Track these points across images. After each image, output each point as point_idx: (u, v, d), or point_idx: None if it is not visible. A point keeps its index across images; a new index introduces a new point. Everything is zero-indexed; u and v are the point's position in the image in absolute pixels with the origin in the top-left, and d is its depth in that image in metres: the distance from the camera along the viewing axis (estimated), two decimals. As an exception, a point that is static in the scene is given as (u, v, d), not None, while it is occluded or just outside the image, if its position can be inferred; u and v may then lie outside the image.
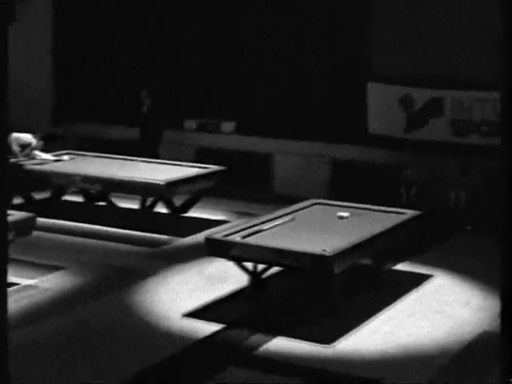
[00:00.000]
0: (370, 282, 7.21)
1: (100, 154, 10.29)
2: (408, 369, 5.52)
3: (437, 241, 8.73)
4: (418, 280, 7.36)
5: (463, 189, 9.56)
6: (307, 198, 8.17)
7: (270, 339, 5.92)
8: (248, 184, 10.57)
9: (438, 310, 6.62)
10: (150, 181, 8.77)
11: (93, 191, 9.76)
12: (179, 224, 9.23)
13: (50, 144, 10.00)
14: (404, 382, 5.27)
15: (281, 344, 5.85)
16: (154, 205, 9.43)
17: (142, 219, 9.26)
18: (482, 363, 5.58)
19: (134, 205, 9.61)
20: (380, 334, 6.08)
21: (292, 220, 7.23)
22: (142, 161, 9.94)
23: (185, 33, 11.73)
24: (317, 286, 6.57)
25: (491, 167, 9.57)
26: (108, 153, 10.32)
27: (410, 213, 7.52)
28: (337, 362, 5.60)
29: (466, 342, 5.94)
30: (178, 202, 9.35)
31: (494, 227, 9.47)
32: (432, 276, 7.48)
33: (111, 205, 9.77)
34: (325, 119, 10.73)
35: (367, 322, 6.30)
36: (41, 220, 7.76)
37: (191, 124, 11.65)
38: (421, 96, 10.00)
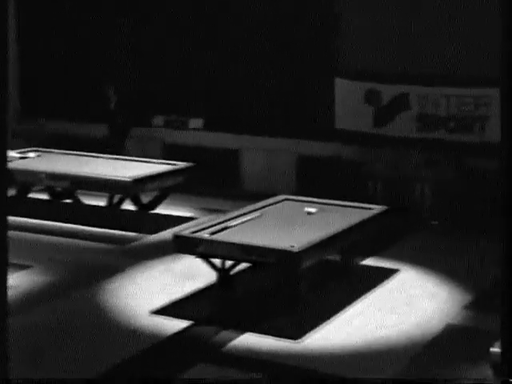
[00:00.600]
0: (338, 277, 7.25)
1: (66, 151, 10.20)
2: (377, 363, 5.56)
3: (403, 235, 8.81)
4: (385, 274, 7.42)
5: (429, 184, 9.64)
6: (275, 194, 8.19)
7: (239, 335, 5.93)
8: (216, 180, 10.57)
9: (405, 304, 6.69)
10: (117, 178, 8.72)
11: (59, 189, 9.68)
12: (147, 221, 9.19)
13: (15, 141, 9.89)
14: (373, 376, 5.31)
15: (249, 340, 5.86)
16: (121, 202, 9.38)
17: (110, 216, 9.21)
18: (448, 356, 5.65)
19: (101, 202, 9.55)
20: (349, 329, 6.12)
21: (260, 216, 7.24)
22: (109, 158, 9.88)
23: (151, 27, 11.67)
24: (285, 281, 6.59)
25: (457, 162, 9.68)
26: (75, 150, 10.24)
27: (377, 208, 7.57)
28: (305, 357, 5.62)
29: (432, 335, 6.01)
30: (145, 198, 9.31)
31: (460, 222, 9.58)
32: (399, 270, 7.55)
33: (78, 202, 9.70)
34: (292, 115, 10.76)
35: (336, 316, 6.34)
36: (6, 218, 7.67)
37: (159, 120, 11.60)
38: (387, 91, 10.06)
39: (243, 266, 6.93)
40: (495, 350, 4.12)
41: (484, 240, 8.44)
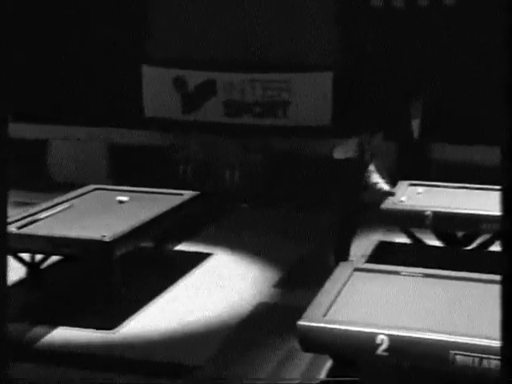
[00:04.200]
0: (153, 264, 7.28)
1: None
2: (193, 345, 5.66)
3: (214, 219, 8.99)
4: (199, 258, 7.54)
5: (238, 168, 9.89)
6: (85, 184, 8.05)
7: (52, 330, 5.80)
8: (23, 172, 10.20)
9: (218, 286, 6.85)
10: None
11: None
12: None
13: None
14: (190, 360, 5.39)
15: (63, 334, 5.75)
16: None
17: None
18: (260, 332, 5.86)
19: None
20: (164, 315, 6.18)
21: (70, 207, 7.10)
22: None
23: None
24: (97, 272, 6.52)
25: (264, 146, 10.01)
26: None
27: (188, 193, 7.66)
28: (122, 346, 5.61)
29: (244, 314, 6.20)
30: None
31: (268, 203, 9.85)
32: (212, 254, 7.70)
33: None
34: (100, 103, 10.59)
35: (151, 303, 6.37)
36: None
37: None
38: (194, 78, 10.18)
39: (55, 259, 6.78)
40: (301, 323, 4.34)
41: (291, 220, 8.82)
